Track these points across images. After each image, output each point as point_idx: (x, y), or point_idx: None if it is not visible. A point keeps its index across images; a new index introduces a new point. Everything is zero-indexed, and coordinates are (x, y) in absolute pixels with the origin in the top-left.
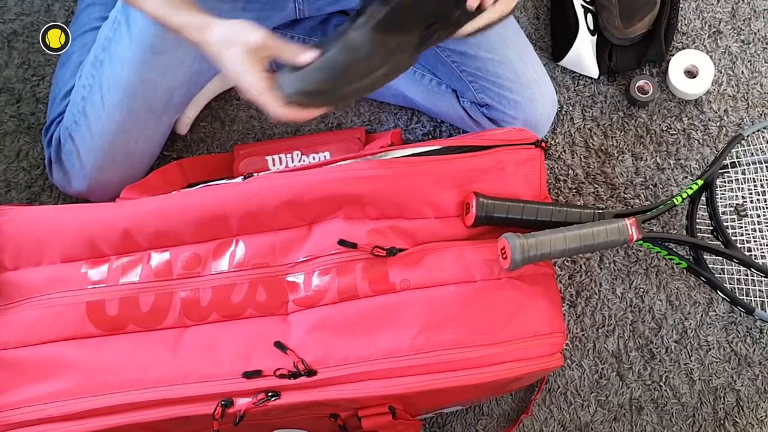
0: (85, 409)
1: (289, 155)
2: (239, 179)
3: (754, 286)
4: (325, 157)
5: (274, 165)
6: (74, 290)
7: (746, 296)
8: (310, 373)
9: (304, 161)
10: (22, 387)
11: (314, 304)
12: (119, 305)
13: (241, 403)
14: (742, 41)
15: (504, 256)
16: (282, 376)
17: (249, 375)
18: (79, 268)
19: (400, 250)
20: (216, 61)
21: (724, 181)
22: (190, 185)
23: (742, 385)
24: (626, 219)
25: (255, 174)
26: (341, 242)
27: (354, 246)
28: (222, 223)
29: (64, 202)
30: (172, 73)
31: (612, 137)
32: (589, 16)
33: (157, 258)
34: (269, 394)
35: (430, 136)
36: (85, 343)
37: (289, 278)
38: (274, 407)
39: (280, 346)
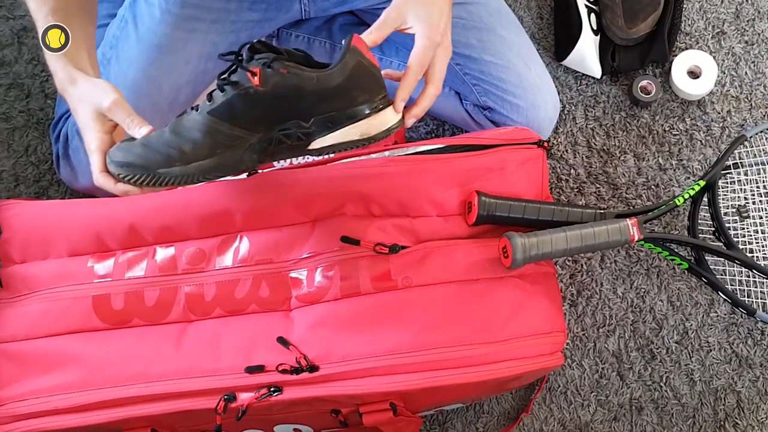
0: (90, 402)
1: None
2: (244, 176)
3: (756, 287)
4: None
5: (278, 162)
6: (80, 284)
7: (748, 298)
8: (312, 368)
9: (308, 158)
10: (28, 379)
11: (317, 301)
12: (125, 299)
13: (244, 398)
14: (746, 42)
15: (506, 255)
16: (284, 371)
17: (252, 370)
18: (86, 263)
19: (403, 247)
20: (72, 111)
21: (727, 182)
22: None
23: (742, 387)
24: (628, 219)
25: (260, 170)
26: (344, 239)
27: (357, 243)
28: (226, 218)
29: (71, 197)
30: (178, 71)
31: (614, 137)
32: (593, 16)
33: (162, 253)
34: (271, 389)
35: (433, 135)
36: (90, 336)
37: (293, 274)
38: (276, 402)
39: (282, 341)
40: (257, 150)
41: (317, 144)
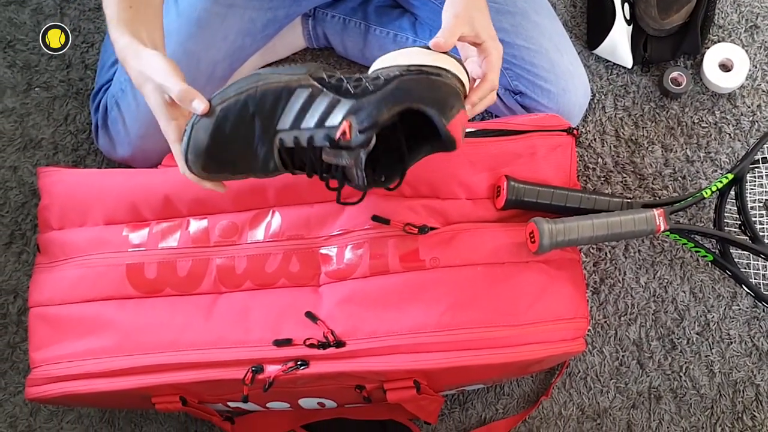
0: (121, 368)
1: None
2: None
3: None
4: None
5: None
6: (115, 252)
7: None
8: (339, 344)
9: None
10: (62, 343)
11: (345, 277)
12: (157, 269)
13: (271, 370)
14: None
15: (532, 239)
16: (311, 345)
17: (279, 343)
18: (121, 231)
19: (432, 228)
20: (136, 86)
21: (755, 177)
22: None
23: (761, 380)
24: (654, 209)
25: None
26: (375, 218)
27: (387, 222)
28: (260, 194)
29: (107, 166)
30: (216, 47)
31: (643, 127)
32: (626, 5)
33: (196, 225)
34: (298, 362)
35: None
36: (124, 303)
37: (323, 251)
38: (302, 376)
39: (310, 316)
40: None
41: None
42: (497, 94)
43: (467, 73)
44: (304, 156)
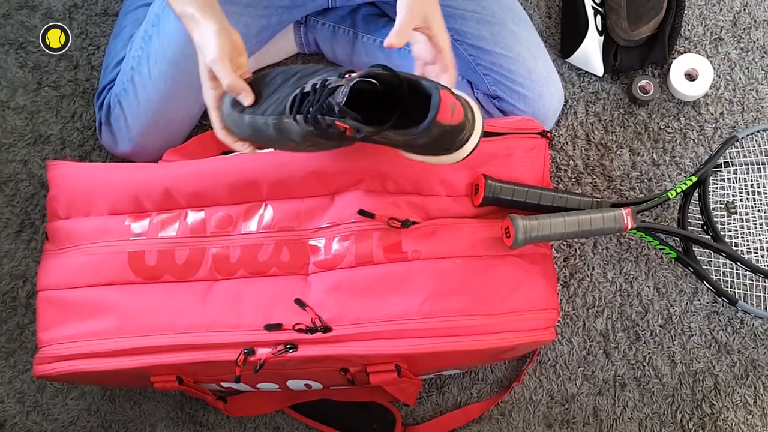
0: (122, 348)
1: None
2: (271, 149)
3: (738, 279)
4: None
5: None
6: (118, 241)
7: (730, 288)
8: (326, 329)
9: None
10: (68, 324)
11: (333, 267)
12: (157, 257)
13: (262, 352)
14: (741, 49)
15: (508, 235)
16: (300, 330)
17: (270, 327)
18: (123, 221)
19: (414, 222)
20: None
21: (717, 180)
22: (225, 153)
23: (720, 371)
24: (622, 209)
25: None
26: (361, 212)
27: (372, 216)
28: (253, 188)
29: (111, 161)
30: None
31: (612, 132)
32: (599, 17)
33: (193, 216)
34: (288, 346)
35: None
36: (125, 288)
37: (312, 242)
38: (291, 359)
39: (299, 303)
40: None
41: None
42: (476, 99)
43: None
44: (313, 99)
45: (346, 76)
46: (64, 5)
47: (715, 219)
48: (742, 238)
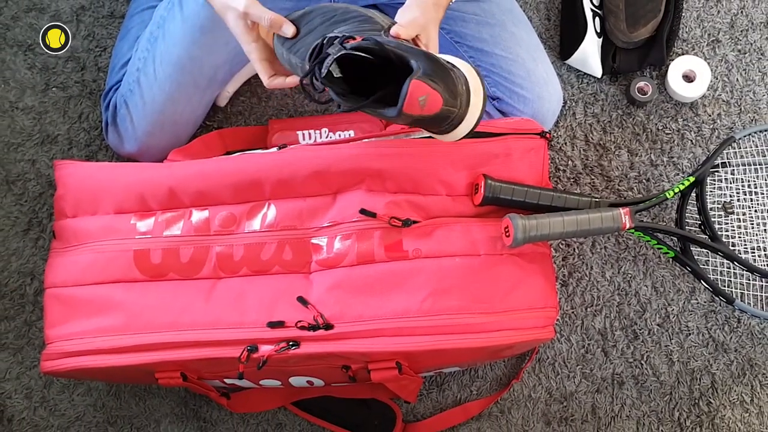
0: (127, 345)
1: (317, 131)
2: (274, 149)
3: (736, 278)
4: (349, 134)
5: (303, 139)
6: (124, 239)
7: (727, 287)
8: (328, 326)
9: (330, 137)
10: (75, 321)
11: (335, 266)
12: (162, 255)
13: (265, 349)
14: (739, 51)
15: (507, 234)
16: (302, 327)
17: (273, 325)
18: (129, 220)
19: (414, 222)
20: (226, 22)
21: (714, 180)
22: (228, 153)
23: (717, 369)
24: (620, 208)
25: (288, 146)
26: (362, 211)
27: (373, 215)
28: (257, 187)
29: (117, 161)
30: (218, 52)
31: (610, 133)
32: (597, 19)
33: (198, 215)
34: (290, 343)
35: None
36: (131, 286)
37: (314, 241)
38: (293, 356)
39: (302, 300)
40: None
41: None
42: None
43: (482, 84)
44: (321, 51)
45: (347, 42)
46: (71, 7)
47: (713, 219)
48: (740, 237)
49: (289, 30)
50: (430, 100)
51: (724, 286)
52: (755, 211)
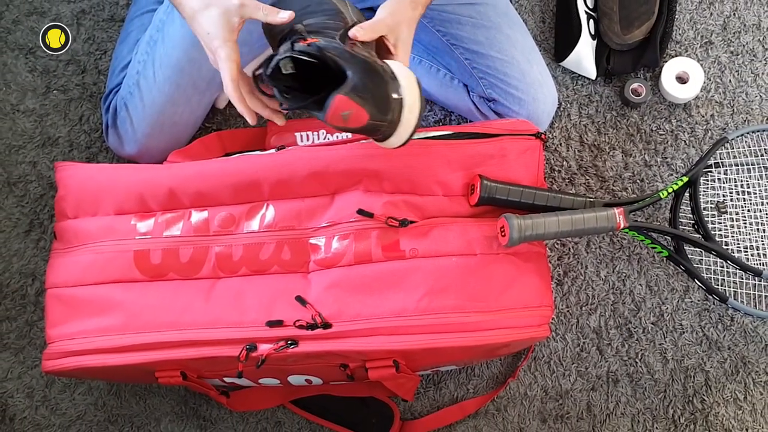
0: (128, 344)
1: (315, 133)
2: (273, 150)
3: (729, 277)
4: (346, 136)
5: (301, 141)
6: (124, 239)
7: (721, 286)
8: (326, 325)
9: (328, 138)
10: (76, 321)
11: (333, 265)
12: (162, 255)
13: (264, 348)
14: (731, 52)
15: (503, 233)
16: (301, 326)
17: (272, 324)
18: (129, 221)
19: (411, 221)
20: (189, 23)
21: (707, 180)
22: (228, 154)
23: (711, 367)
24: (615, 208)
25: (286, 147)
26: (360, 212)
27: (371, 215)
28: (255, 188)
29: (118, 163)
30: None
31: (605, 134)
32: (591, 21)
33: (197, 216)
34: (288, 342)
35: (441, 123)
36: (131, 286)
37: (312, 241)
38: (292, 354)
39: (300, 300)
40: None
41: None
42: (472, 101)
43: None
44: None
45: (298, 42)
46: (72, 11)
47: (706, 218)
48: (732, 237)
49: (285, 15)
50: (353, 115)
51: (718, 285)
52: (748, 210)
